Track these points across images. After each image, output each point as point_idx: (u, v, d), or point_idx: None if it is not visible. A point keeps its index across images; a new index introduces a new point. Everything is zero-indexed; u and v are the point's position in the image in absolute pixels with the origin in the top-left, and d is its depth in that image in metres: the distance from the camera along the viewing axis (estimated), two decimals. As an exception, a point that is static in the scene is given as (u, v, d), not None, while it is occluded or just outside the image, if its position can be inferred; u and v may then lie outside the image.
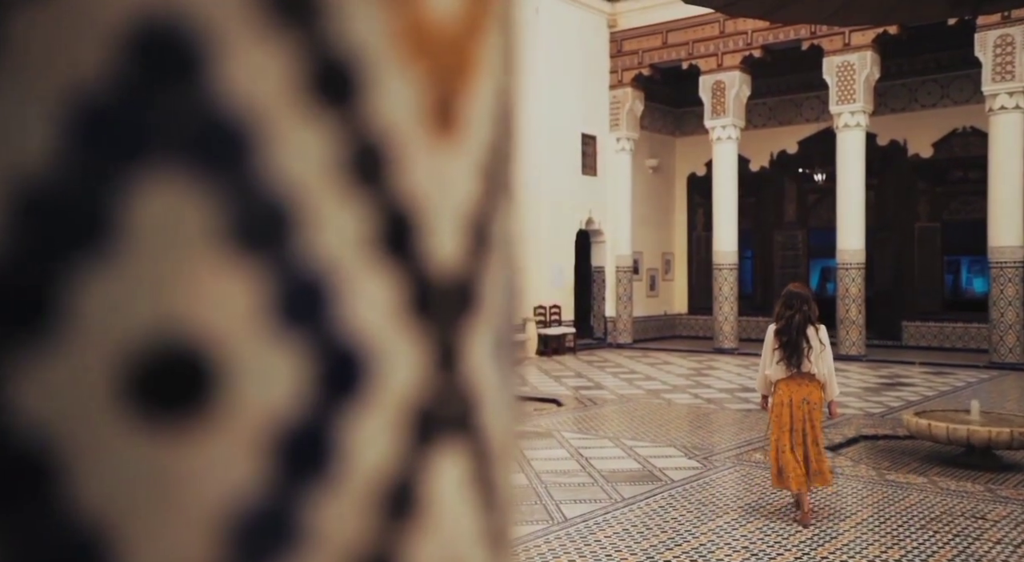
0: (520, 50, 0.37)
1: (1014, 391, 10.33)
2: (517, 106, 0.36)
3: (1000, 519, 4.78)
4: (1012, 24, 11.93)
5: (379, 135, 0.26)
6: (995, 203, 12.34)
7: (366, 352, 0.26)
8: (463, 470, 0.30)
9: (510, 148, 0.35)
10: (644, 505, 5.11)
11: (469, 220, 0.30)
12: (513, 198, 0.35)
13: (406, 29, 0.27)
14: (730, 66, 14.66)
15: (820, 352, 4.64)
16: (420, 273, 0.28)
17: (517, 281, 0.36)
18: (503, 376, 0.33)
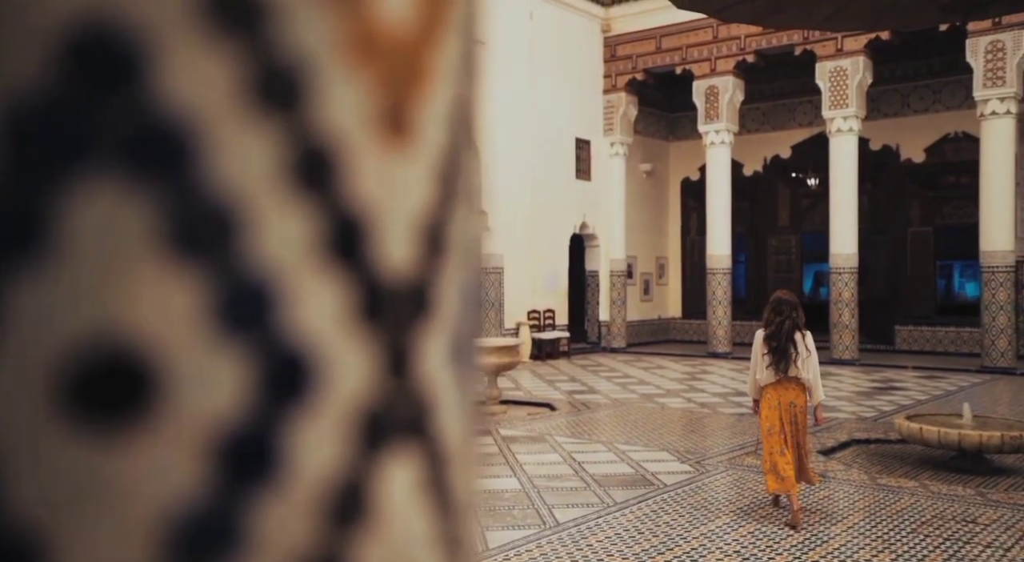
0: (482, 58, 0.37)
1: (1006, 395, 10.37)
2: (477, 113, 0.36)
3: (990, 523, 4.79)
4: (1003, 30, 12.00)
5: (326, 140, 0.26)
6: (986, 208, 12.39)
7: (313, 357, 0.26)
8: (416, 474, 0.30)
9: (469, 154, 0.35)
10: (636, 509, 5.11)
11: (423, 225, 0.30)
12: (472, 204, 0.35)
13: (354, 35, 0.27)
14: (723, 71, 14.70)
15: (807, 358, 4.81)
16: (370, 278, 0.28)
17: (477, 286, 0.36)
18: (460, 381, 0.33)
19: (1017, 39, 12.01)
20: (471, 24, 0.36)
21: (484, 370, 9.03)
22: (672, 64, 15.29)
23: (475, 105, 0.37)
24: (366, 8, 0.28)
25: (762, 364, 4.84)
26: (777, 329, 4.78)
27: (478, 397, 0.37)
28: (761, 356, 4.85)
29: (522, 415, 8.76)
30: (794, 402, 4.82)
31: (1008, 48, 12.05)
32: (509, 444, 7.10)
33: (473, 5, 0.36)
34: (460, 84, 0.34)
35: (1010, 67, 12.04)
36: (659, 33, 15.27)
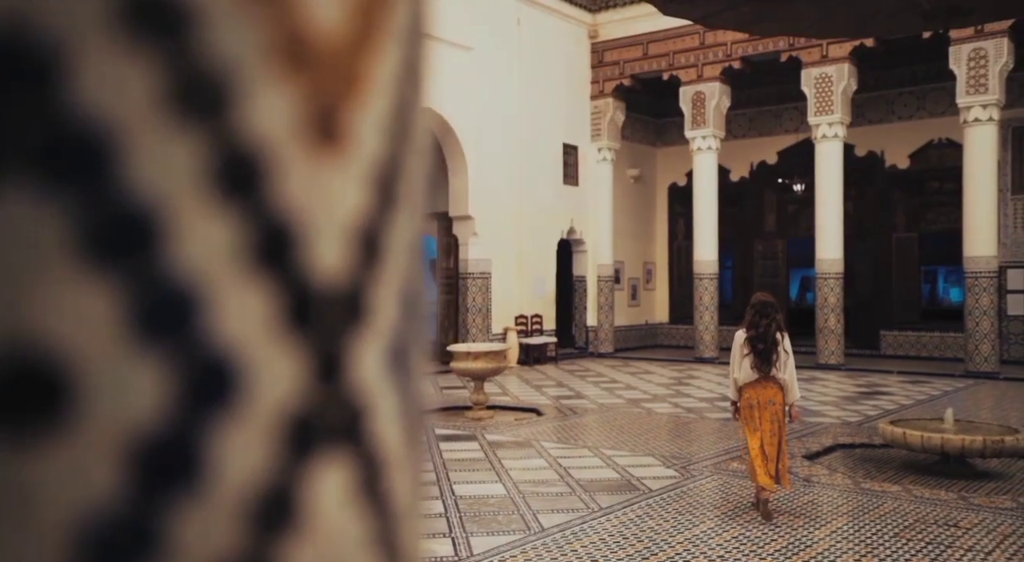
0: (427, 65, 0.37)
1: (988, 400, 10.44)
2: (419, 120, 0.36)
3: (972, 527, 4.82)
4: (985, 38, 12.12)
5: (252, 147, 0.27)
6: (970, 214, 12.50)
7: (237, 363, 0.26)
8: (349, 479, 0.30)
9: (409, 161, 0.35)
10: (621, 514, 5.12)
11: (356, 231, 0.30)
12: (416, 211, 0.35)
13: (283, 42, 0.28)
14: (710, 77, 14.78)
15: (785, 359, 5.01)
16: (299, 284, 0.28)
17: (418, 293, 0.36)
18: (400, 385, 0.34)
19: (999, 47, 12.13)
20: (414, 32, 0.36)
21: (471, 375, 9.02)
22: (659, 70, 15.36)
23: (417, 112, 0.37)
24: (295, 15, 0.28)
25: (745, 364, 4.99)
26: (764, 331, 4.93)
27: (423, 403, 0.37)
28: (742, 357, 5.00)
29: (509, 420, 8.76)
30: (772, 400, 5.02)
31: (990, 56, 12.17)
32: (495, 449, 7.09)
33: (417, 14, 0.36)
34: (401, 92, 0.34)
35: (992, 74, 12.16)
36: (646, 39, 15.34)
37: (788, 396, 5.06)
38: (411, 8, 0.36)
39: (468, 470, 6.34)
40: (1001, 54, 12.13)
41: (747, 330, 5.01)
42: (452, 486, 5.81)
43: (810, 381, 11.96)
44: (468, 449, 7.14)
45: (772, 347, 4.94)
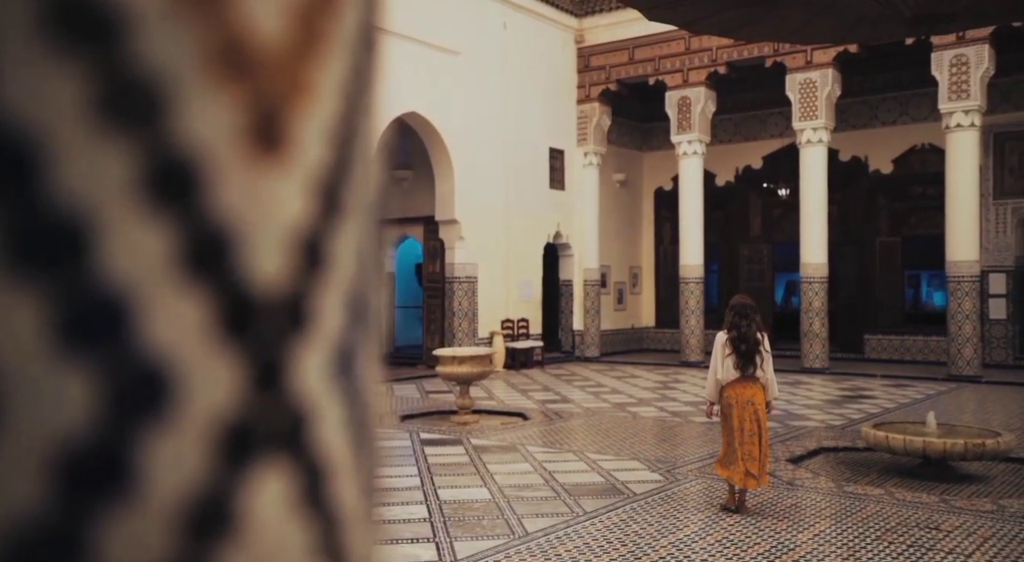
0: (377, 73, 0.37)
1: (971, 403, 10.53)
2: (369, 128, 0.36)
3: (953, 529, 4.86)
4: (967, 44, 12.24)
5: (187, 155, 0.26)
6: (952, 219, 12.61)
7: (171, 371, 0.26)
8: (290, 487, 0.30)
9: (357, 169, 0.35)
10: (606, 518, 5.12)
11: (298, 239, 0.30)
12: (363, 218, 0.35)
13: (220, 49, 0.28)
14: (696, 82, 14.85)
15: (766, 359, 5.18)
16: (236, 292, 0.28)
17: (368, 299, 0.36)
18: (347, 392, 0.33)
19: (980, 53, 12.26)
20: (364, 41, 0.36)
21: (456, 379, 9.01)
22: (645, 75, 15.42)
23: (370, 121, 0.37)
24: (233, 23, 0.28)
25: (727, 364, 5.14)
26: (745, 332, 5.10)
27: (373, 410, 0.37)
28: (724, 357, 5.15)
29: (494, 425, 8.75)
30: (752, 400, 5.14)
31: (972, 62, 12.30)
32: (480, 454, 7.08)
33: (366, 22, 0.36)
34: (349, 100, 0.34)
35: (974, 80, 12.28)
36: (632, 44, 15.40)
37: (768, 394, 5.25)
38: (360, 17, 0.36)
39: (453, 474, 6.33)
40: (982, 60, 12.26)
41: (728, 331, 5.17)
42: (437, 491, 5.80)
43: (794, 385, 12.01)
44: (453, 453, 7.13)
45: (754, 347, 5.10)
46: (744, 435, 5.10)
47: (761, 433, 5.12)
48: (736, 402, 5.15)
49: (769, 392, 5.24)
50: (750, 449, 5.09)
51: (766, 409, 5.25)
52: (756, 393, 5.15)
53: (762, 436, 5.12)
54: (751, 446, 5.09)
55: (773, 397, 5.30)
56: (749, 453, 5.09)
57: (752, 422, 5.10)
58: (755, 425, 5.10)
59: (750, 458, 5.08)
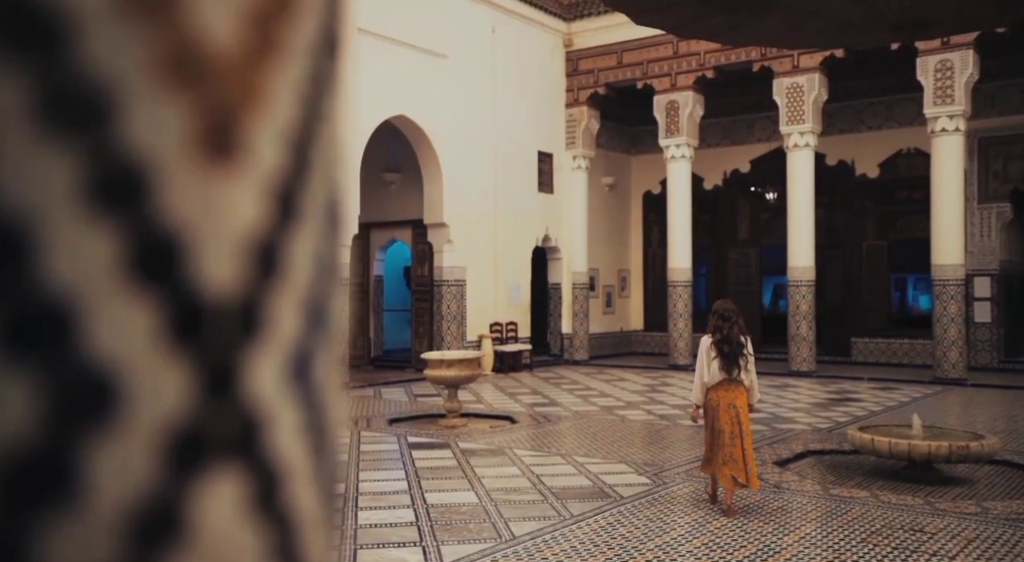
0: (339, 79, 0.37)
1: (956, 406, 10.60)
2: (327, 133, 0.36)
3: (937, 531, 4.89)
4: (951, 50, 12.35)
5: (134, 161, 0.26)
6: (937, 222, 12.70)
7: (117, 378, 0.26)
8: (242, 492, 0.30)
9: (316, 175, 0.35)
10: (593, 522, 5.12)
11: (252, 244, 0.30)
12: (322, 223, 0.35)
13: (171, 55, 0.28)
14: (684, 86, 14.91)
15: (749, 361, 5.31)
16: (186, 298, 0.28)
17: (326, 304, 0.36)
18: (303, 397, 0.33)
19: (964, 59, 12.36)
20: (324, 46, 0.36)
21: (444, 383, 8.99)
22: (633, 79, 15.47)
23: (331, 126, 0.37)
24: (184, 29, 0.28)
25: (712, 367, 5.27)
26: (728, 334, 5.24)
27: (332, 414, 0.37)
28: (709, 360, 5.28)
29: (483, 428, 8.74)
30: (733, 402, 5.25)
31: (956, 67, 12.40)
32: (468, 457, 7.08)
33: (327, 28, 0.36)
34: (307, 105, 0.34)
35: (958, 86, 12.39)
36: (620, 48, 15.45)
37: (752, 397, 5.37)
38: (320, 23, 0.36)
39: (440, 478, 6.32)
40: (967, 66, 12.36)
41: (712, 334, 5.30)
42: (424, 494, 5.79)
43: (782, 388, 12.06)
44: (441, 457, 7.12)
45: (738, 349, 5.24)
46: (725, 437, 5.20)
47: (743, 436, 5.20)
48: (719, 404, 5.27)
49: (752, 396, 5.36)
50: (731, 451, 5.17)
51: (748, 412, 5.35)
52: (738, 396, 5.26)
53: (744, 439, 5.19)
54: (732, 448, 5.17)
55: (756, 401, 5.41)
56: (730, 455, 5.17)
57: (733, 425, 5.21)
58: (736, 428, 5.20)
59: (731, 460, 5.16)
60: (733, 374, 5.24)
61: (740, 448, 5.16)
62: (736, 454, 5.16)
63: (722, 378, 5.27)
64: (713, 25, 7.80)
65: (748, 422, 5.30)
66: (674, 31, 8.71)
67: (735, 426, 5.20)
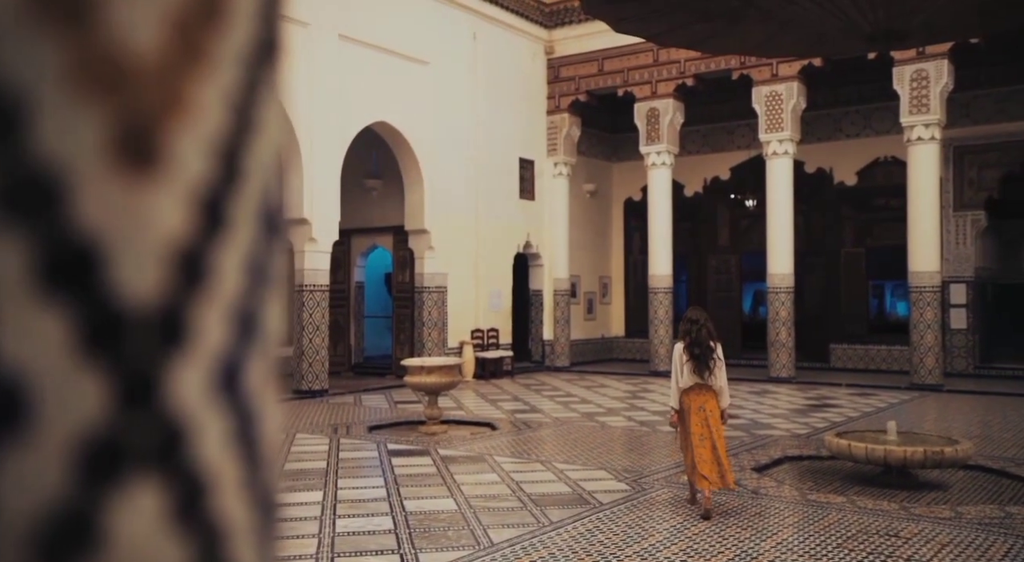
0: (274, 88, 0.37)
1: (932, 412, 10.71)
2: (262, 141, 0.36)
3: (912, 536, 4.93)
4: (927, 60, 12.51)
5: (44, 168, 0.26)
6: (914, 230, 12.84)
7: (26, 388, 0.26)
8: (164, 501, 0.29)
9: (247, 183, 0.35)
10: (571, 528, 5.12)
11: (176, 253, 0.30)
12: (253, 231, 0.35)
13: (87, 63, 0.27)
14: (664, 94, 15.01)
15: (719, 365, 5.48)
16: (103, 307, 0.28)
17: (257, 312, 0.36)
18: (231, 407, 0.33)
19: (939, 69, 12.53)
20: (258, 55, 0.36)
21: (424, 390, 8.96)
22: (614, 86, 15.55)
23: (263, 135, 0.37)
24: (100, 36, 0.28)
25: (685, 370, 5.46)
26: (697, 336, 5.44)
27: (265, 423, 0.37)
28: (682, 364, 5.48)
29: (463, 435, 8.72)
30: (703, 406, 5.44)
31: (931, 77, 12.57)
32: (447, 464, 7.05)
33: (262, 37, 0.36)
34: (238, 112, 0.34)
35: (934, 95, 12.55)
36: (601, 56, 15.53)
37: (721, 401, 5.52)
38: (254, 30, 0.36)
39: (419, 485, 6.30)
40: (942, 75, 12.53)
41: (683, 339, 5.52)
42: (403, 501, 5.76)
43: (761, 394, 12.13)
44: (420, 464, 7.09)
45: (708, 352, 5.42)
46: (696, 439, 5.38)
47: (713, 437, 5.37)
48: (690, 408, 5.46)
49: (722, 400, 5.51)
50: (701, 452, 5.35)
51: (721, 416, 5.50)
52: (708, 400, 5.45)
53: (715, 441, 5.35)
54: (701, 449, 5.36)
55: (726, 405, 5.55)
56: (701, 456, 5.35)
57: (703, 427, 5.40)
58: (706, 429, 5.39)
59: (702, 461, 5.33)
60: (704, 376, 5.41)
61: (711, 449, 5.34)
62: (706, 455, 5.33)
63: (694, 382, 5.45)
64: (692, 34, 7.87)
65: (719, 424, 5.45)
66: (654, 39, 8.78)
67: (704, 428, 5.39)
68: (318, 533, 5.03)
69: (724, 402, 5.52)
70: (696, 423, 5.41)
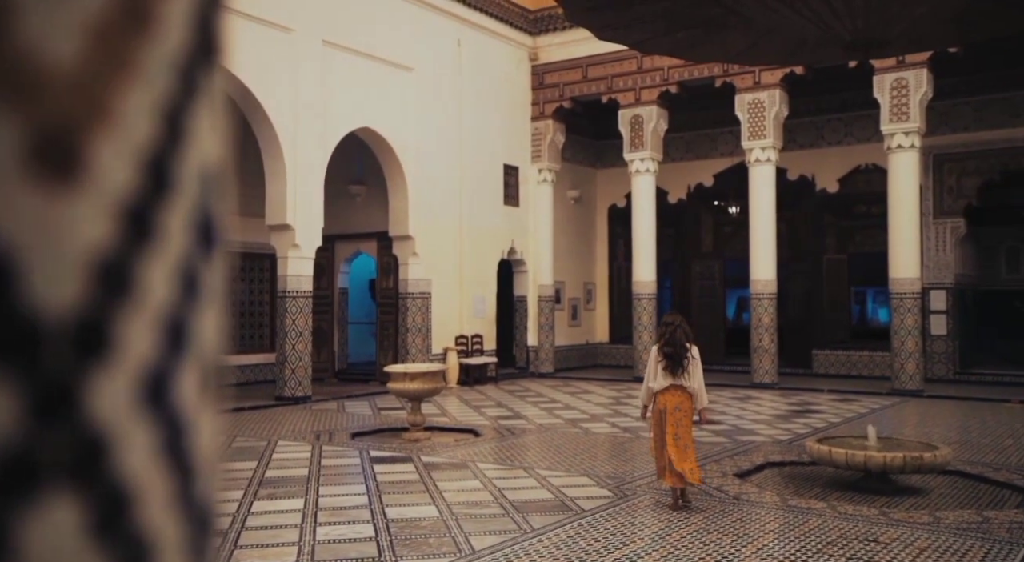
0: (206, 97, 0.37)
1: (913, 417, 10.79)
2: (197, 150, 0.36)
3: (891, 542, 4.95)
4: (907, 68, 12.65)
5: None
6: (895, 237, 12.96)
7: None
8: (83, 515, 0.29)
9: (175, 193, 0.34)
10: (553, 535, 5.11)
11: (97, 264, 0.30)
12: (185, 240, 0.35)
13: (0, 75, 0.27)
14: (648, 101, 15.08)
15: (694, 365, 5.68)
16: (15, 318, 0.27)
17: (188, 321, 0.35)
18: (159, 419, 0.33)
19: (919, 77, 12.67)
20: (194, 61, 0.36)
21: (408, 396, 8.92)
22: (598, 93, 15.61)
23: (196, 143, 0.36)
24: (13, 49, 0.27)
25: (657, 372, 5.69)
26: (671, 337, 5.65)
27: (196, 435, 0.36)
28: (656, 364, 5.70)
29: (446, 441, 8.69)
30: (679, 406, 5.67)
31: (911, 85, 12.70)
32: (430, 471, 7.03)
33: (198, 42, 0.36)
34: (168, 121, 0.34)
35: (913, 103, 12.68)
36: (585, 63, 15.59)
37: (697, 402, 5.72)
38: (186, 38, 0.35)
39: (401, 492, 6.27)
40: (921, 84, 12.67)
41: (658, 341, 5.77)
42: (384, 509, 5.74)
43: (744, 400, 12.18)
44: (402, 471, 7.06)
45: (682, 352, 5.61)
46: (671, 438, 5.61)
47: (686, 437, 5.65)
48: (666, 408, 5.68)
49: (698, 401, 5.71)
50: (673, 452, 5.58)
51: (698, 417, 5.77)
52: (683, 401, 5.69)
53: (688, 441, 5.65)
54: (674, 448, 5.59)
55: (703, 405, 5.75)
56: (675, 455, 5.57)
57: (678, 427, 5.64)
58: (679, 429, 5.64)
59: (678, 460, 5.56)
60: (677, 373, 5.62)
61: (683, 449, 5.59)
62: (680, 454, 5.58)
63: (669, 383, 5.65)
64: (674, 41, 7.91)
65: (690, 424, 5.70)
66: (636, 46, 8.82)
67: (678, 428, 5.63)
68: (298, 541, 5.00)
69: (701, 403, 5.70)
70: (672, 423, 5.63)
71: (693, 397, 5.69)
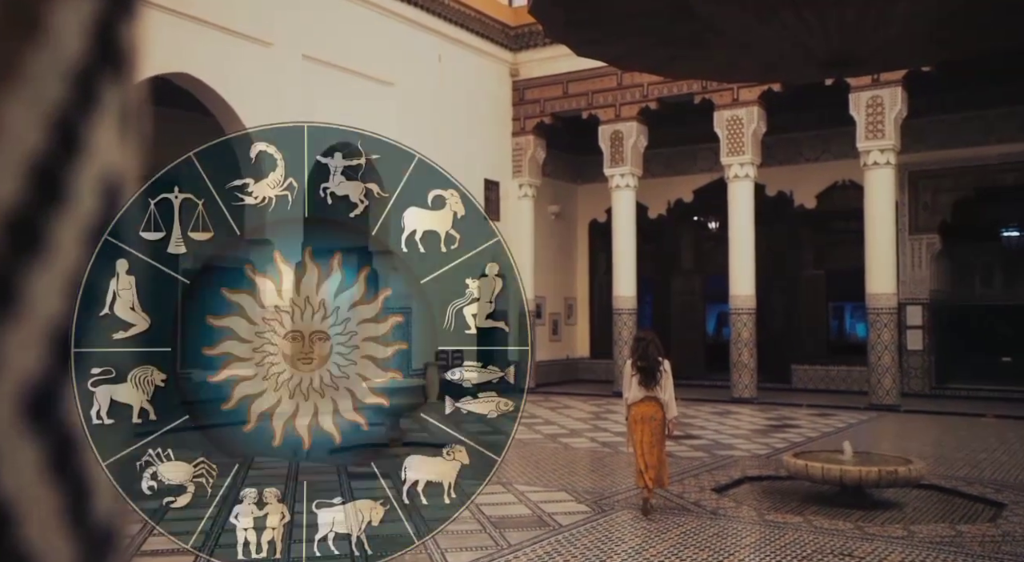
0: (111, 106, 0.37)
1: (889, 432, 10.86)
2: (89, 162, 0.35)
3: (866, 555, 4.97)
4: (882, 86, 12.83)
5: None
6: (871, 252, 13.09)
7: None
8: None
9: (66, 205, 0.34)
10: (530, 551, 5.09)
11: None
12: (74, 250, 0.34)
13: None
14: (628, 117, 15.18)
15: (665, 378, 6.00)
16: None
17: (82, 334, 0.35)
18: (44, 433, 0.32)
19: (894, 95, 12.86)
20: (90, 72, 0.35)
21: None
22: (578, 109, 15.70)
23: (89, 154, 0.36)
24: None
25: (633, 384, 6.00)
26: (644, 351, 5.99)
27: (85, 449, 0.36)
28: (631, 377, 6.04)
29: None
30: (653, 416, 5.98)
31: (886, 103, 12.88)
32: (407, 487, 6.97)
33: (102, 49, 0.36)
34: (57, 132, 0.33)
35: (888, 121, 12.86)
36: (565, 78, 15.68)
37: (668, 413, 6.01)
38: (80, 47, 0.35)
39: (378, 509, 6.21)
40: (896, 102, 12.85)
41: (631, 355, 6.12)
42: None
43: (724, 414, 12.21)
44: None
45: (654, 365, 5.94)
46: (644, 447, 5.92)
47: (658, 446, 5.95)
48: (640, 418, 5.99)
49: (669, 411, 6.02)
50: (649, 459, 5.90)
51: (669, 428, 6.07)
52: (656, 411, 5.99)
53: (659, 448, 5.96)
54: (649, 456, 5.90)
55: (673, 416, 6.07)
56: (648, 462, 5.89)
57: (652, 435, 5.95)
58: (652, 437, 5.94)
59: (649, 466, 5.88)
60: (650, 385, 5.93)
61: (655, 455, 5.91)
62: (653, 461, 5.89)
63: (643, 395, 5.97)
64: (653, 58, 7.97)
65: (662, 432, 6.00)
66: (615, 62, 8.89)
67: (652, 437, 5.94)
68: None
69: (671, 413, 6.02)
70: (647, 432, 5.94)
71: (664, 406, 5.99)
